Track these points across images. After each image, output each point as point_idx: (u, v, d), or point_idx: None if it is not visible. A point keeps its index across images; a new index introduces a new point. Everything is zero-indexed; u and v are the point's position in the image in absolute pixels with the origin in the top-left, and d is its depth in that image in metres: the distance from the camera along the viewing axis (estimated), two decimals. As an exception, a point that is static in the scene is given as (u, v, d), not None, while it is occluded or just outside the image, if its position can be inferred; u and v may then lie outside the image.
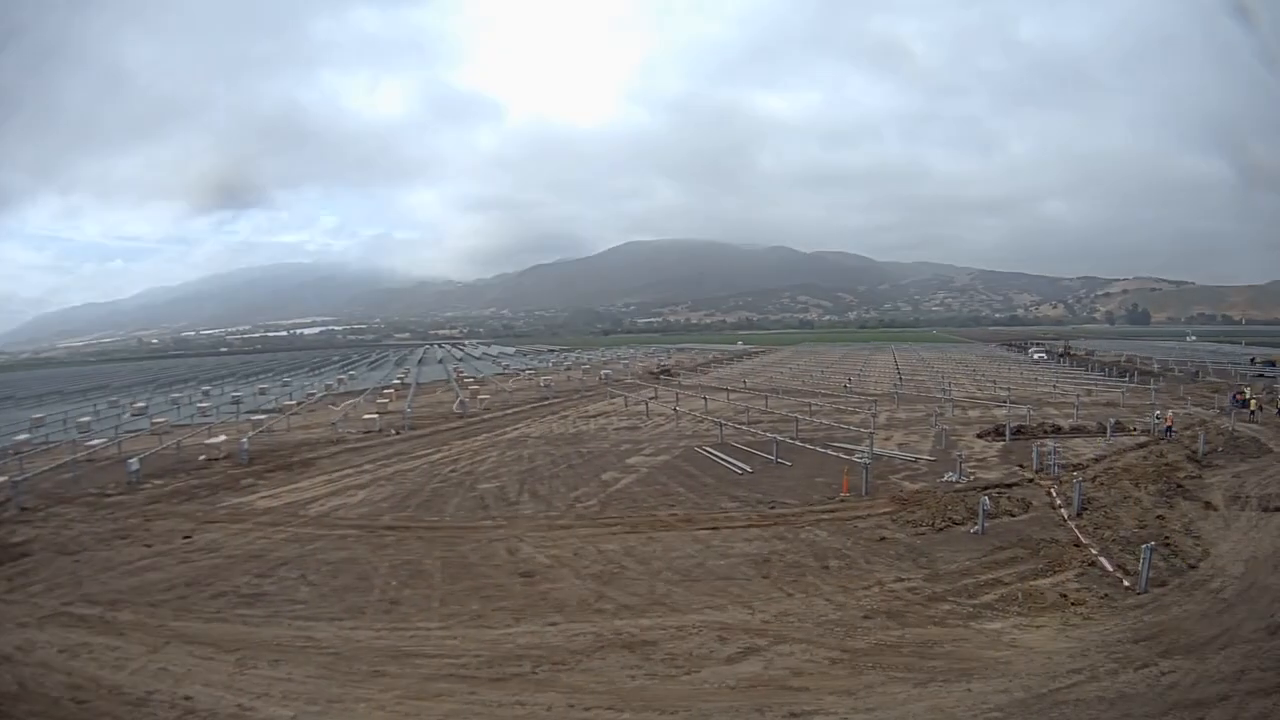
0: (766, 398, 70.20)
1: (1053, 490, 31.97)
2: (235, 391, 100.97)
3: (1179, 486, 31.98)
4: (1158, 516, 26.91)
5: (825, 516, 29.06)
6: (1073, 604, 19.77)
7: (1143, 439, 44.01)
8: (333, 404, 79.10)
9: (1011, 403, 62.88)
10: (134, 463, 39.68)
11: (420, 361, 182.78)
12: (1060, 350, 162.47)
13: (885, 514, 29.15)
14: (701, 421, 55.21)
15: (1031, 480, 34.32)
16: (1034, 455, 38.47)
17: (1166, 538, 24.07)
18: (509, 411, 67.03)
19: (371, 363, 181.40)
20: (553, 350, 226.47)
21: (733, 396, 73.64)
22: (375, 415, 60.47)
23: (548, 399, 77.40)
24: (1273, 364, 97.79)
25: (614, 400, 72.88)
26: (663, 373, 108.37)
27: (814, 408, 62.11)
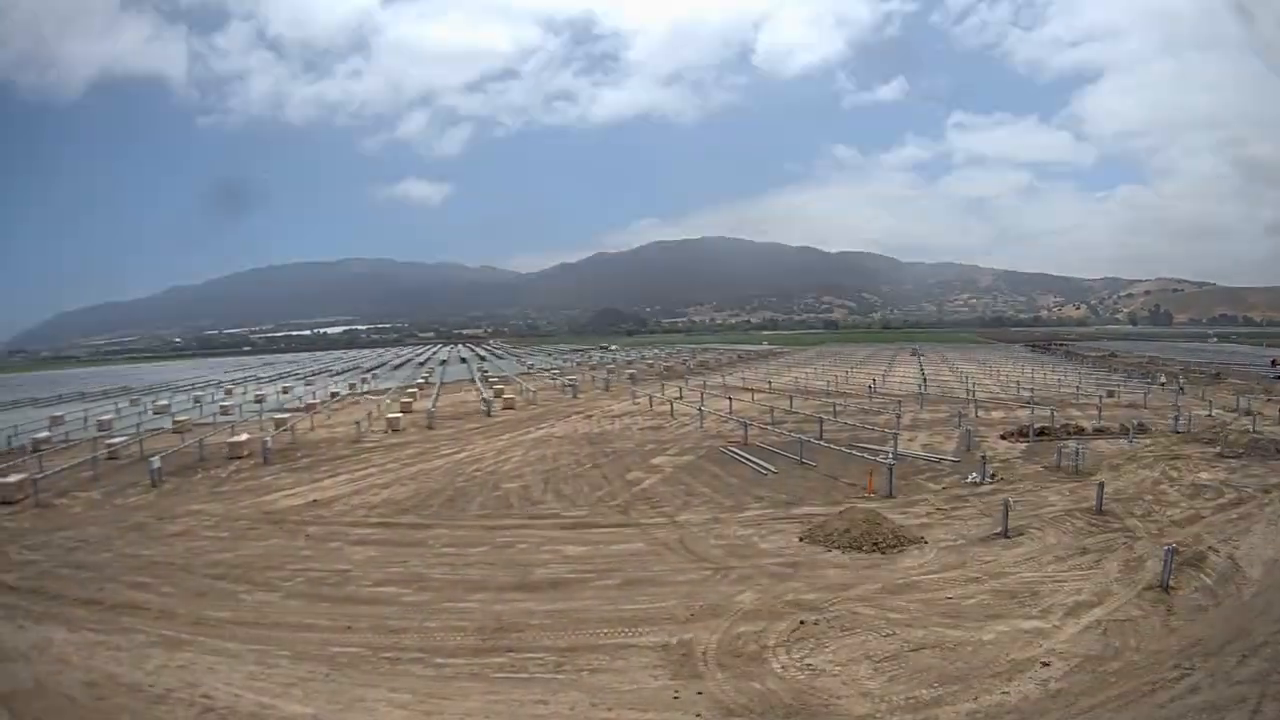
0: (791, 398, 69.65)
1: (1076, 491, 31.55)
2: (258, 390, 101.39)
3: (1200, 487, 31.59)
4: (1179, 517, 26.62)
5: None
6: (1091, 604, 19.41)
7: (1162, 441, 43.47)
8: (356, 403, 79.45)
9: (1034, 404, 62.14)
10: (155, 460, 39.79)
11: (444, 361, 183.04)
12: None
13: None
14: (726, 422, 54.80)
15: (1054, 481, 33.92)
16: (1057, 456, 38.01)
17: (1188, 539, 23.70)
18: (533, 411, 67.02)
19: (395, 366, 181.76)
20: (577, 350, 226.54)
21: (757, 397, 73.18)
22: (400, 414, 60.48)
23: (572, 398, 77.42)
24: None
25: (638, 400, 72.58)
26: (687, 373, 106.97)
27: (838, 408, 61.60)
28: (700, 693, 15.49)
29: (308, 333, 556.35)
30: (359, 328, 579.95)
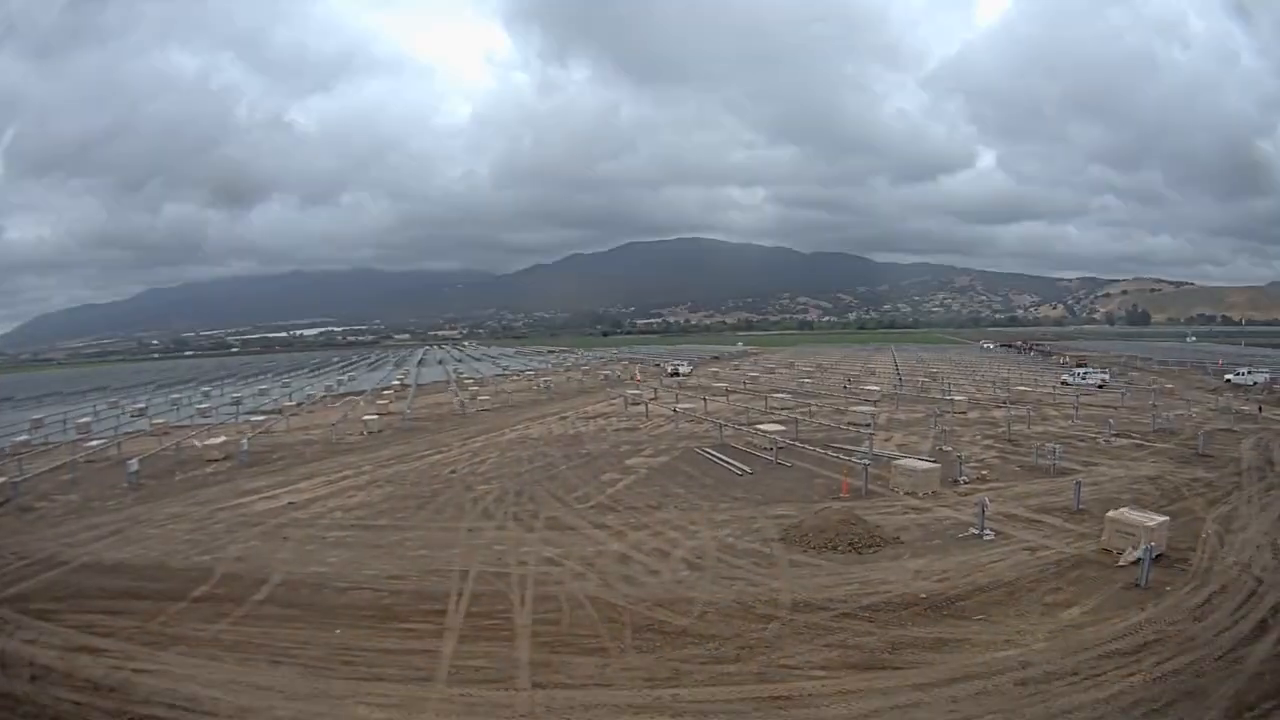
0: (766, 398, 70.00)
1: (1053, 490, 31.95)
2: (235, 393, 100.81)
3: (1176, 486, 32.07)
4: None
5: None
6: (1069, 603, 19.75)
7: (1140, 440, 44.08)
8: (332, 405, 79.16)
9: (1010, 404, 62.86)
10: (133, 463, 39.65)
11: (420, 363, 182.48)
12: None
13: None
14: (701, 423, 55.05)
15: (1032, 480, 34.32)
16: (1034, 455, 38.59)
17: (1165, 534, 24.07)
18: (509, 413, 66.98)
19: (371, 364, 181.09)
20: (552, 351, 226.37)
21: (733, 397, 73.48)
22: (375, 416, 60.38)
23: (547, 400, 77.41)
24: None
25: (613, 401, 72.73)
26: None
27: (814, 409, 61.99)
28: (677, 694, 15.69)
29: (284, 335, 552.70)
30: (335, 329, 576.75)
